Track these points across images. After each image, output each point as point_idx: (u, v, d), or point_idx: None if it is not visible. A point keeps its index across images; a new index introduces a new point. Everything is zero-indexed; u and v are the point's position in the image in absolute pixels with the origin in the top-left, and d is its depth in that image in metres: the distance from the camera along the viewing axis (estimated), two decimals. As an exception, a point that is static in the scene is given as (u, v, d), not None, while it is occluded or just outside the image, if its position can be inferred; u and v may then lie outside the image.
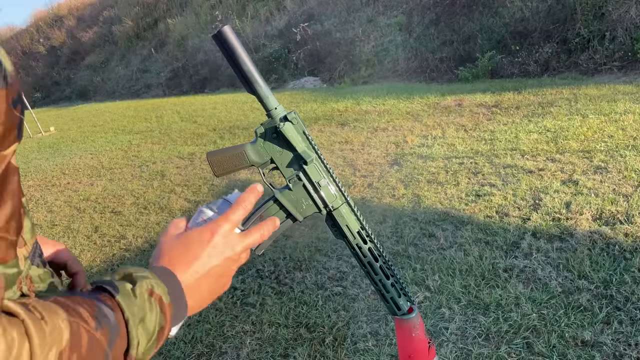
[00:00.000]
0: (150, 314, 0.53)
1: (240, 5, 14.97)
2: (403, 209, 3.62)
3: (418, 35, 10.19)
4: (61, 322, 0.44)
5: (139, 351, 0.52)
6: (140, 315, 0.52)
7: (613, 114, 4.91)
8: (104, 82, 17.97)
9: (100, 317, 0.48)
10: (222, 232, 0.65)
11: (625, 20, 7.17)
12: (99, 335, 0.47)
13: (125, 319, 0.51)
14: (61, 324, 0.44)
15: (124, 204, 4.91)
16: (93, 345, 0.46)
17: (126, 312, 0.51)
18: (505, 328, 2.18)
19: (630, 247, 2.60)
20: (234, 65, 0.87)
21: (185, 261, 0.62)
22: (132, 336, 0.51)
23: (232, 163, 0.93)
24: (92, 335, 0.46)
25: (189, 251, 0.63)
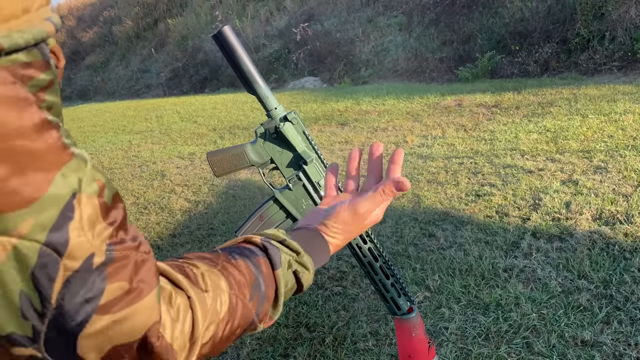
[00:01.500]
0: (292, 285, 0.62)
1: (240, 5, 14.97)
2: (403, 209, 3.62)
3: (418, 35, 10.19)
4: (223, 295, 0.51)
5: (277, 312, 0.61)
6: (289, 287, 0.61)
7: (613, 114, 4.91)
8: (104, 82, 17.98)
9: (255, 288, 0.55)
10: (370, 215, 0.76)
11: (625, 20, 7.17)
12: (251, 305, 0.54)
13: (277, 294, 0.59)
14: (223, 298, 0.51)
15: (124, 204, 4.91)
16: (244, 314, 0.53)
17: (280, 289, 0.59)
18: (505, 328, 2.18)
19: (630, 247, 2.61)
20: (234, 65, 0.87)
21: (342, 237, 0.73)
22: (278, 305, 0.59)
23: (232, 163, 0.93)
24: (246, 305, 0.53)
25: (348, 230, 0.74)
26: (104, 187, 0.42)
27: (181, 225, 4.06)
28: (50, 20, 0.41)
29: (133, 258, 0.43)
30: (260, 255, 0.59)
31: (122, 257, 0.42)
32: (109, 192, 0.43)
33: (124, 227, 0.44)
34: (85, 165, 0.41)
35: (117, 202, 0.44)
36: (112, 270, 0.41)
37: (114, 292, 0.41)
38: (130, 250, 0.43)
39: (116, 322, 0.41)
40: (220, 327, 0.50)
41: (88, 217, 0.40)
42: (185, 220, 4.17)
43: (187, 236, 3.81)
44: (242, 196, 4.44)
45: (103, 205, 0.41)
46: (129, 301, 0.42)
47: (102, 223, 0.41)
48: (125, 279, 0.42)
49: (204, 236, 3.75)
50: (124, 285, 0.42)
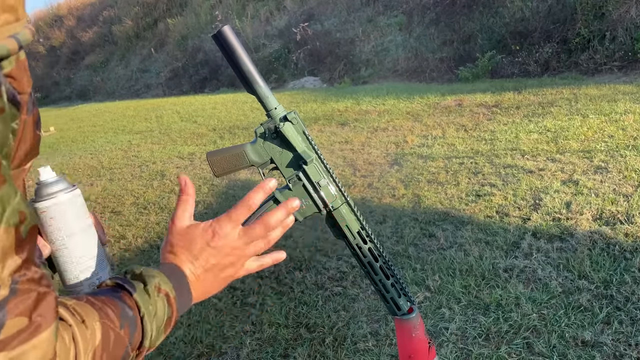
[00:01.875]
0: (159, 308, 0.60)
1: (240, 5, 14.97)
2: (403, 209, 3.62)
3: (418, 35, 10.18)
4: (95, 324, 0.50)
5: (152, 341, 0.59)
6: (153, 311, 0.59)
7: (613, 114, 4.91)
8: (104, 82, 17.97)
9: (124, 316, 0.55)
10: (222, 233, 0.71)
11: (626, 20, 7.17)
12: (122, 333, 0.54)
13: (141, 315, 0.57)
14: (95, 326, 0.50)
15: (124, 204, 4.91)
16: (117, 341, 0.53)
17: (142, 310, 0.57)
18: (506, 328, 2.18)
19: (631, 247, 2.60)
20: (234, 65, 0.87)
21: (189, 256, 0.69)
22: (146, 330, 0.57)
23: (232, 163, 0.93)
24: (117, 333, 0.53)
25: (192, 247, 0.69)
26: (24, 219, 0.41)
27: (181, 225, 4.06)
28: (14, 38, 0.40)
29: (34, 292, 0.42)
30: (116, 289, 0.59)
31: (24, 290, 0.41)
32: (27, 224, 0.42)
33: (31, 259, 0.43)
34: (15, 197, 0.41)
35: (32, 234, 0.43)
36: (13, 305, 0.40)
37: (13, 327, 0.40)
38: (33, 283, 0.42)
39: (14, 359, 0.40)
40: (96, 355, 0.49)
41: (1, 248, 0.39)
42: (185, 220, 4.17)
43: (187, 236, 3.81)
44: (242, 196, 4.43)
45: (19, 238, 0.41)
46: (27, 337, 0.41)
47: (13, 256, 0.40)
48: (25, 313, 0.41)
49: (203, 236, 3.75)
50: (24, 320, 0.41)
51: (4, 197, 0.39)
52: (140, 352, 0.58)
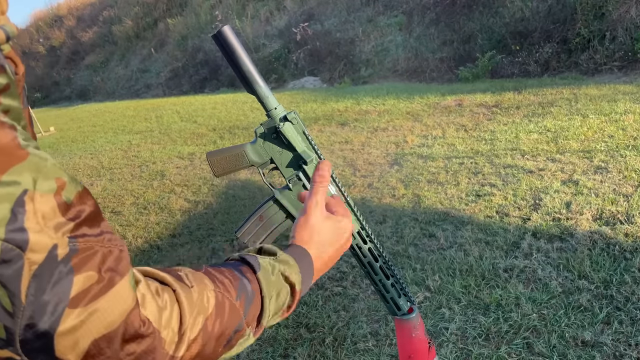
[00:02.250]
0: (282, 293, 0.62)
1: (240, 5, 14.97)
2: (403, 209, 3.62)
3: (418, 35, 10.18)
4: (209, 292, 0.52)
5: (268, 321, 0.61)
6: (275, 292, 0.61)
7: (613, 114, 4.91)
8: (104, 82, 17.97)
9: (241, 288, 0.56)
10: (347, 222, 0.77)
11: (626, 20, 7.17)
12: (238, 304, 0.55)
13: (262, 294, 0.59)
14: (209, 294, 0.52)
15: (124, 204, 4.91)
16: (233, 312, 0.54)
17: (264, 289, 0.59)
18: (506, 328, 2.18)
19: (631, 247, 2.60)
20: (234, 65, 0.87)
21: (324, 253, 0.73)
22: (265, 309, 0.59)
23: (232, 163, 0.93)
24: (233, 304, 0.54)
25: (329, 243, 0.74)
26: (64, 185, 0.42)
27: (181, 225, 4.06)
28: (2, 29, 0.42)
29: (99, 249, 0.43)
30: (240, 264, 0.60)
31: (86, 248, 0.42)
32: (70, 190, 0.43)
33: (89, 223, 0.43)
34: (45, 165, 0.41)
35: (82, 199, 0.44)
36: (78, 261, 0.41)
37: (83, 283, 0.41)
38: (94, 242, 0.43)
39: (91, 313, 0.41)
40: (208, 323, 0.50)
41: (43, 213, 0.40)
42: (185, 220, 4.17)
43: (187, 236, 3.81)
44: (242, 196, 4.44)
45: (62, 203, 0.41)
46: (100, 291, 0.41)
47: (60, 218, 0.41)
48: (92, 268, 0.41)
49: (203, 236, 3.75)
50: (92, 275, 0.41)
51: (31, 166, 0.40)
52: (257, 330, 0.59)
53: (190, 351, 0.48)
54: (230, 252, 3.38)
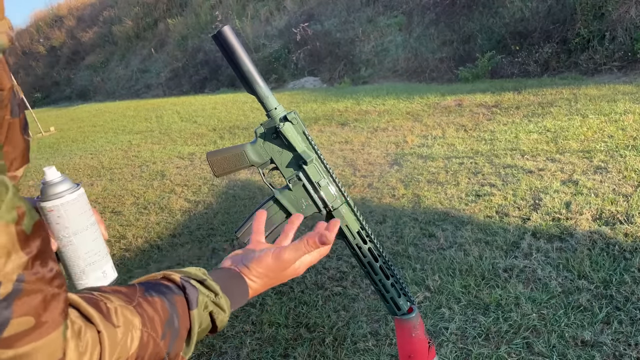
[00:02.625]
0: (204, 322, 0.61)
1: (240, 5, 14.97)
2: (403, 209, 3.62)
3: (418, 35, 10.18)
4: (135, 331, 0.50)
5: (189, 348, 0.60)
6: (203, 326, 0.60)
7: (613, 114, 4.91)
8: (104, 82, 17.97)
9: (169, 325, 0.54)
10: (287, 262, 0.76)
11: (625, 20, 7.17)
12: (162, 343, 0.53)
13: (191, 331, 0.58)
14: (134, 334, 0.50)
15: (124, 204, 4.91)
16: (155, 351, 0.52)
17: (194, 327, 0.58)
18: (505, 328, 2.18)
19: (630, 247, 2.60)
20: (234, 65, 0.87)
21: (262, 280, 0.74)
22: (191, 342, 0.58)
23: (232, 163, 0.93)
24: (157, 343, 0.52)
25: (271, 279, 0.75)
26: (23, 215, 0.41)
27: (181, 226, 4.06)
28: None
29: (44, 292, 0.42)
30: (177, 293, 0.59)
31: (31, 290, 0.41)
32: (29, 221, 0.42)
33: (42, 257, 0.42)
34: (6, 193, 0.40)
35: (37, 231, 0.42)
36: (20, 303, 0.40)
37: (19, 326, 0.40)
38: (42, 283, 0.42)
39: (18, 357, 0.40)
40: None
41: (2, 245, 0.39)
42: (185, 220, 4.17)
43: (187, 236, 3.81)
44: (242, 196, 4.44)
45: (21, 234, 0.40)
46: (34, 337, 0.40)
47: (17, 252, 0.40)
48: (32, 313, 0.40)
49: (204, 236, 3.75)
50: (30, 320, 0.40)
51: None
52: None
53: None
54: (230, 252, 3.39)
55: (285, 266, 0.74)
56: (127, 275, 3.27)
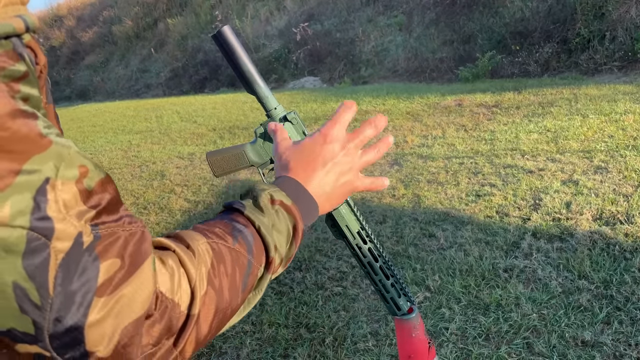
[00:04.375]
0: (278, 219, 0.59)
1: (240, 5, 14.97)
2: (403, 209, 3.62)
3: (418, 35, 10.19)
4: (203, 244, 0.51)
5: (280, 252, 0.59)
6: (269, 223, 0.58)
7: (613, 114, 4.91)
8: (104, 82, 17.98)
9: (235, 232, 0.55)
10: (333, 132, 0.70)
11: (626, 20, 7.17)
12: (237, 247, 0.54)
13: (256, 228, 0.57)
14: (203, 247, 0.51)
15: (124, 203, 4.91)
16: (235, 258, 0.53)
17: (256, 223, 0.57)
18: (506, 328, 2.18)
19: (631, 247, 2.60)
20: (234, 65, 0.87)
21: (304, 165, 0.68)
22: (267, 241, 0.57)
23: (231, 163, 0.93)
24: (232, 248, 0.53)
25: (305, 155, 0.68)
26: (86, 172, 0.42)
27: (181, 226, 4.06)
28: (21, 18, 0.41)
29: (121, 234, 0.43)
30: (226, 213, 0.59)
31: (108, 234, 0.42)
32: (93, 177, 0.42)
33: (109, 209, 0.43)
34: (68, 152, 0.41)
35: (103, 186, 0.43)
36: (102, 248, 0.41)
37: (108, 270, 0.41)
38: (115, 227, 0.43)
39: (117, 301, 0.40)
40: (212, 274, 0.50)
41: (65, 201, 0.39)
42: (185, 220, 4.17)
43: (187, 236, 3.81)
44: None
45: (83, 191, 0.41)
46: (124, 276, 0.41)
47: (82, 206, 0.41)
48: (116, 255, 0.41)
49: (203, 236, 3.75)
50: (116, 261, 0.41)
51: (53, 155, 0.39)
52: (270, 265, 0.57)
53: (207, 306, 0.48)
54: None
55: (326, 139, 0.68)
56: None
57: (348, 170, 0.70)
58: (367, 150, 0.73)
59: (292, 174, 0.67)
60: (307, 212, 0.64)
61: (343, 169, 0.69)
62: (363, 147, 0.73)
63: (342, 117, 0.72)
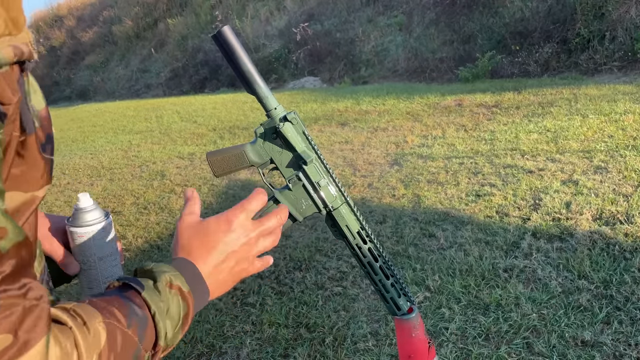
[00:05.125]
0: (172, 305, 0.57)
1: (240, 5, 14.97)
2: (403, 209, 3.62)
3: (418, 35, 10.19)
4: (98, 324, 0.48)
5: (167, 340, 0.57)
6: (165, 308, 0.56)
7: (613, 114, 4.91)
8: (104, 82, 17.97)
9: (131, 314, 0.52)
10: (238, 221, 0.70)
11: (625, 20, 7.17)
12: (130, 332, 0.51)
13: (152, 313, 0.55)
14: (99, 327, 0.48)
15: (124, 204, 4.91)
16: (126, 342, 0.51)
17: (152, 307, 0.55)
18: (505, 328, 2.18)
19: (630, 247, 2.60)
20: (234, 65, 0.87)
21: (204, 250, 0.67)
22: (159, 328, 0.55)
23: (231, 163, 0.93)
24: (125, 332, 0.51)
25: (207, 240, 0.67)
26: (4, 235, 0.40)
27: (181, 225, 4.06)
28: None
29: (19, 306, 0.40)
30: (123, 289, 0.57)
31: (5, 305, 0.39)
32: (8, 241, 0.40)
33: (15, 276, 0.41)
34: None
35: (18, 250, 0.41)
36: None
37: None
38: (17, 298, 0.40)
39: None
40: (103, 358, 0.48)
41: None
42: (185, 220, 4.17)
43: (187, 236, 3.81)
44: (242, 196, 4.44)
45: None
46: (15, 354, 0.39)
47: None
48: (9, 329, 0.39)
49: (203, 236, 3.75)
50: (8, 337, 0.39)
51: None
52: (156, 352, 0.56)
53: None
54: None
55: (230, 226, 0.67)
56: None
57: (245, 260, 0.70)
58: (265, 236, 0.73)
59: (192, 257, 0.66)
60: (200, 300, 0.63)
61: (241, 257, 0.69)
62: None
63: (250, 206, 0.72)
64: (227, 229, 0.69)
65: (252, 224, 0.72)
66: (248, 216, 0.72)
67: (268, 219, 0.74)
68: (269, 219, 0.74)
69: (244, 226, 0.70)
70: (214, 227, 0.69)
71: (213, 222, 0.69)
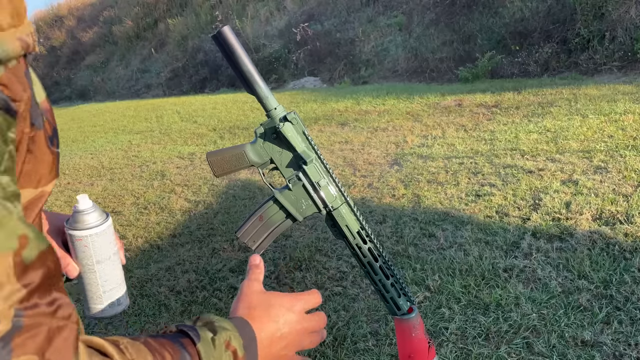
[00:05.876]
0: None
1: (240, 5, 14.97)
2: (403, 209, 3.62)
3: (418, 35, 10.19)
4: None
5: None
6: None
7: (613, 114, 4.91)
8: (104, 82, 17.97)
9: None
10: (298, 307, 0.71)
11: (625, 20, 7.17)
12: None
13: None
14: None
15: (124, 204, 4.91)
16: None
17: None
18: (505, 328, 2.18)
19: (630, 247, 2.60)
20: (234, 65, 0.87)
21: (266, 319, 0.67)
22: None
23: (232, 163, 0.93)
24: None
25: (269, 311, 0.68)
26: (26, 243, 0.38)
27: (181, 226, 4.06)
28: None
29: (46, 326, 0.38)
30: (179, 336, 0.57)
31: (32, 325, 0.37)
32: (32, 249, 0.38)
33: (44, 289, 0.39)
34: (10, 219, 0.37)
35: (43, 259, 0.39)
36: (20, 341, 0.35)
37: None
38: (44, 317, 0.38)
39: None
40: None
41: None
42: (185, 220, 4.17)
43: (187, 236, 3.81)
44: (242, 196, 4.44)
45: (19, 265, 0.37)
46: None
47: (14, 284, 0.36)
48: (34, 351, 0.36)
49: (204, 236, 3.75)
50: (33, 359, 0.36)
51: None
52: None
53: None
54: (230, 252, 3.39)
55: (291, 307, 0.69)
56: (127, 276, 3.27)
57: (293, 346, 0.70)
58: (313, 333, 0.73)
59: (254, 322, 0.66)
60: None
61: (291, 342, 0.70)
62: None
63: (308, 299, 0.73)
64: (289, 308, 0.70)
65: (309, 316, 0.73)
66: (305, 307, 0.72)
67: (320, 317, 0.74)
68: (321, 318, 0.74)
69: (302, 314, 0.71)
70: (278, 301, 0.70)
71: (277, 296, 0.70)
